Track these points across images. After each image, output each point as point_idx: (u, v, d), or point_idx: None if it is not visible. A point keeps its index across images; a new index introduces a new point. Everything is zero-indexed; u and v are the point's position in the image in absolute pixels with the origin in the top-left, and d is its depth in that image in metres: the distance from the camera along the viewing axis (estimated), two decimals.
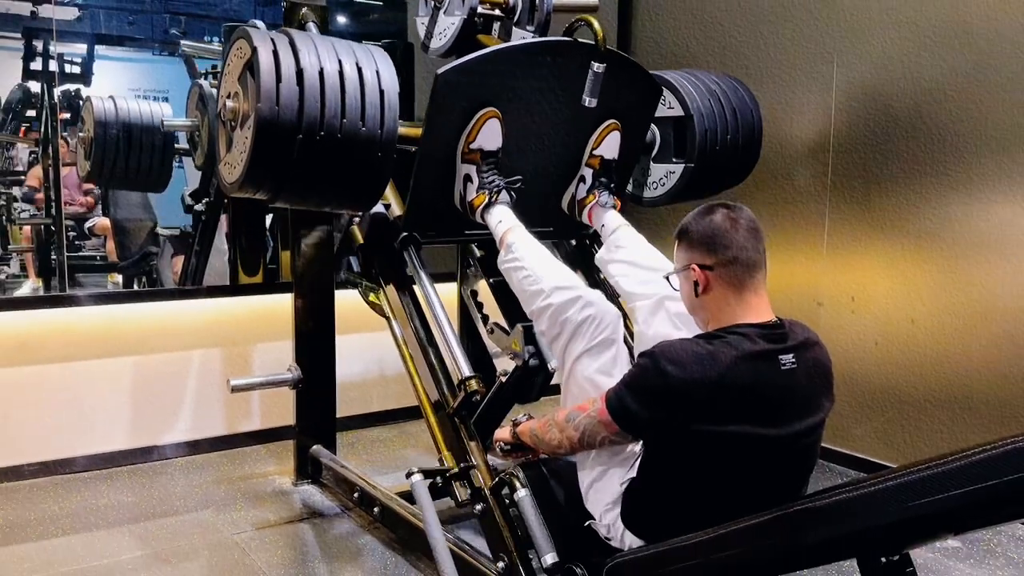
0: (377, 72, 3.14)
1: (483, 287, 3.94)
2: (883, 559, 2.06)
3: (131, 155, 5.23)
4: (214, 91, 5.50)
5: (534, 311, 3.07)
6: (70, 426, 4.68)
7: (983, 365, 4.27)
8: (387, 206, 3.73)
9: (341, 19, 6.09)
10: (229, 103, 3.19)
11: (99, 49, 5.56)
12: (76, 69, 5.45)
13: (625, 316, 3.28)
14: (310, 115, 2.97)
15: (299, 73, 2.97)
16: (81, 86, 5.47)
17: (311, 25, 3.95)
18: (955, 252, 4.34)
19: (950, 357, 4.39)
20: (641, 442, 2.61)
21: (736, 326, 2.45)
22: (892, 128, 4.57)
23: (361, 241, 3.80)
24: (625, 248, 3.41)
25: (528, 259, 3.15)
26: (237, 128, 3.16)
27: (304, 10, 4.01)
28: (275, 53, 2.97)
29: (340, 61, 3.07)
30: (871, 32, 4.63)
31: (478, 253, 3.93)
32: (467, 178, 3.44)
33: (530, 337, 3.19)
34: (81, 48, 5.47)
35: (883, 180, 4.61)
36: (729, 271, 2.49)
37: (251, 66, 3.01)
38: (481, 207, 3.41)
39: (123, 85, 5.84)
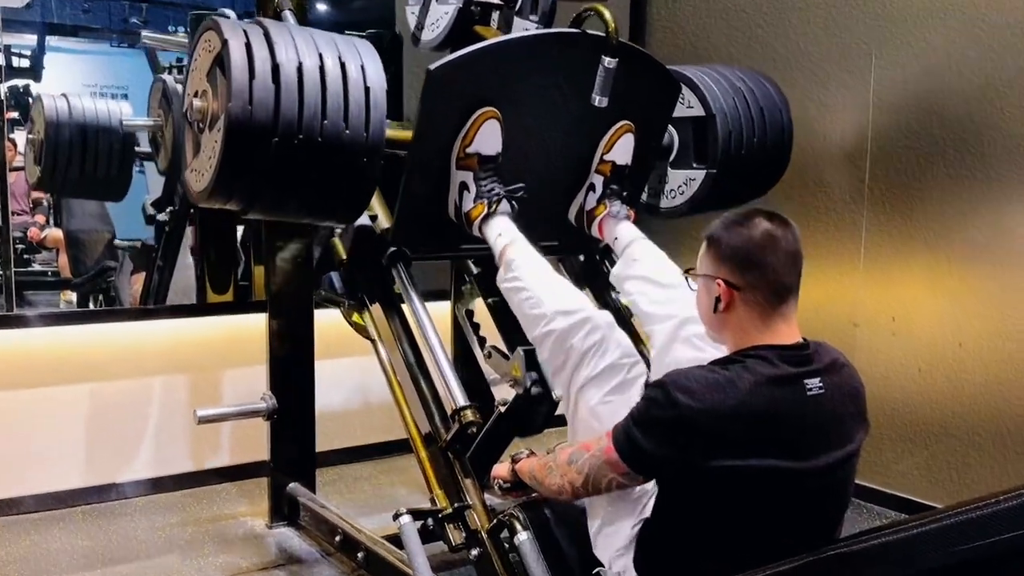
0: (362, 67, 3.11)
1: (480, 306, 3.94)
2: None
3: (86, 159, 5.22)
4: (179, 87, 5.52)
5: (536, 337, 3.05)
6: (17, 461, 4.68)
7: None
8: (373, 218, 3.69)
9: (321, 7, 6.11)
10: (196, 102, 3.15)
11: (50, 40, 5.58)
12: (25, 63, 5.48)
13: (641, 340, 3.28)
14: (287, 116, 2.94)
15: (275, 69, 2.94)
16: (30, 81, 5.48)
17: (287, 14, 3.95)
18: (1009, 268, 4.33)
19: (1003, 385, 4.38)
20: (653, 482, 2.60)
21: (756, 348, 2.44)
22: (937, 129, 4.57)
23: (344, 256, 3.79)
24: (641, 262, 3.39)
25: (530, 279, 3.13)
26: (205, 130, 3.13)
27: None
28: (248, 46, 2.94)
29: (320, 55, 3.04)
30: (914, 21, 4.63)
31: (475, 270, 3.92)
32: (463, 186, 3.41)
33: (532, 362, 3.20)
34: (31, 39, 5.50)
35: (927, 187, 4.62)
36: (758, 295, 2.46)
37: (221, 61, 2.98)
38: (479, 219, 3.38)
39: (77, 80, 5.86)
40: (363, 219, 3.67)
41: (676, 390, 2.34)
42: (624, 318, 3.72)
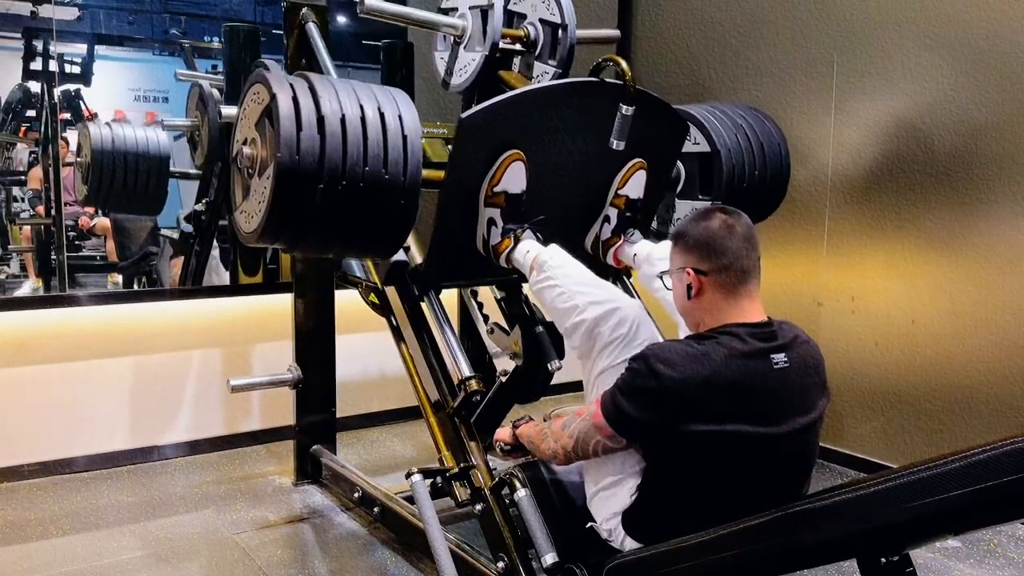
0: (400, 117, 3.03)
1: (483, 288, 3.93)
2: (883, 559, 2.06)
3: (127, 181, 5.25)
4: (214, 91, 5.53)
5: (567, 328, 2.92)
6: (70, 426, 4.68)
7: (984, 366, 4.27)
8: (406, 249, 3.59)
9: (341, 19, 6.09)
10: (246, 150, 3.09)
11: (99, 49, 5.57)
12: (76, 69, 5.46)
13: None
14: (332, 163, 2.87)
15: (320, 120, 2.87)
16: (81, 86, 5.47)
17: (311, 27, 3.94)
18: (956, 252, 4.35)
19: (951, 357, 4.39)
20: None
21: (726, 326, 2.46)
22: (893, 129, 4.57)
23: (380, 285, 3.74)
24: (666, 260, 3.34)
25: (561, 276, 3.02)
26: (255, 176, 3.06)
27: (304, 10, 4.01)
28: (295, 99, 2.87)
29: (361, 107, 2.97)
30: (872, 32, 4.63)
31: (499, 295, 3.85)
32: (491, 222, 3.32)
33: (530, 336, 3.19)
34: (81, 48, 5.48)
35: (884, 181, 4.62)
36: (722, 277, 2.49)
37: (269, 113, 2.91)
38: (507, 251, 3.29)
39: (123, 85, 5.85)
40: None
41: (657, 361, 2.36)
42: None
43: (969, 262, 4.29)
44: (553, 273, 3.04)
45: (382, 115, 3.00)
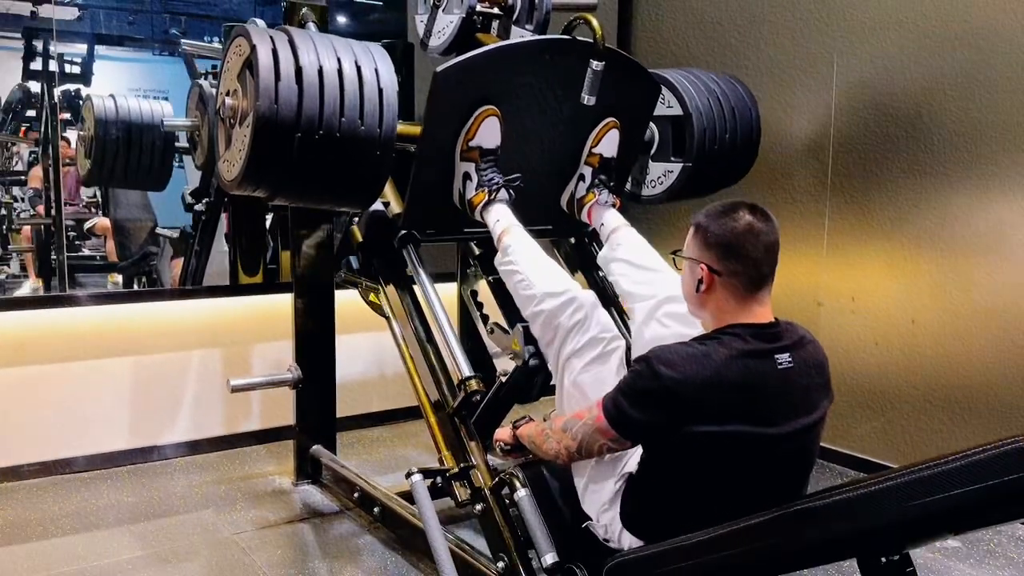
0: (376, 71, 3.14)
1: (483, 287, 3.94)
2: (883, 559, 2.06)
3: (131, 154, 5.22)
4: (214, 91, 5.52)
5: (528, 315, 3.11)
6: (70, 426, 4.68)
7: (983, 365, 4.27)
8: (386, 204, 3.73)
9: (341, 19, 6.09)
10: (228, 100, 3.18)
11: (99, 49, 5.55)
12: (76, 69, 5.45)
13: (624, 316, 3.29)
14: (309, 113, 2.96)
15: (298, 71, 2.97)
16: (81, 86, 5.46)
17: (311, 25, 3.94)
18: (956, 252, 4.34)
19: (950, 357, 4.39)
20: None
21: (731, 327, 2.45)
22: (892, 128, 4.57)
23: (360, 239, 3.80)
24: (624, 247, 3.39)
25: (522, 262, 3.16)
26: (236, 126, 3.15)
27: (304, 10, 4.01)
28: (274, 51, 2.97)
29: (339, 59, 3.07)
30: (871, 32, 4.63)
31: (477, 251, 3.93)
32: (466, 176, 3.44)
33: (530, 337, 3.19)
34: (81, 48, 5.47)
35: (883, 180, 4.61)
36: (736, 281, 2.46)
37: (250, 64, 3.01)
38: (480, 205, 3.41)
39: (123, 85, 5.83)
40: (377, 205, 3.68)
41: (659, 363, 2.36)
42: (610, 296, 3.74)
43: (969, 261, 4.29)
44: (515, 258, 3.19)
45: (359, 68, 3.11)
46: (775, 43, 5.11)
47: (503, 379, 3.23)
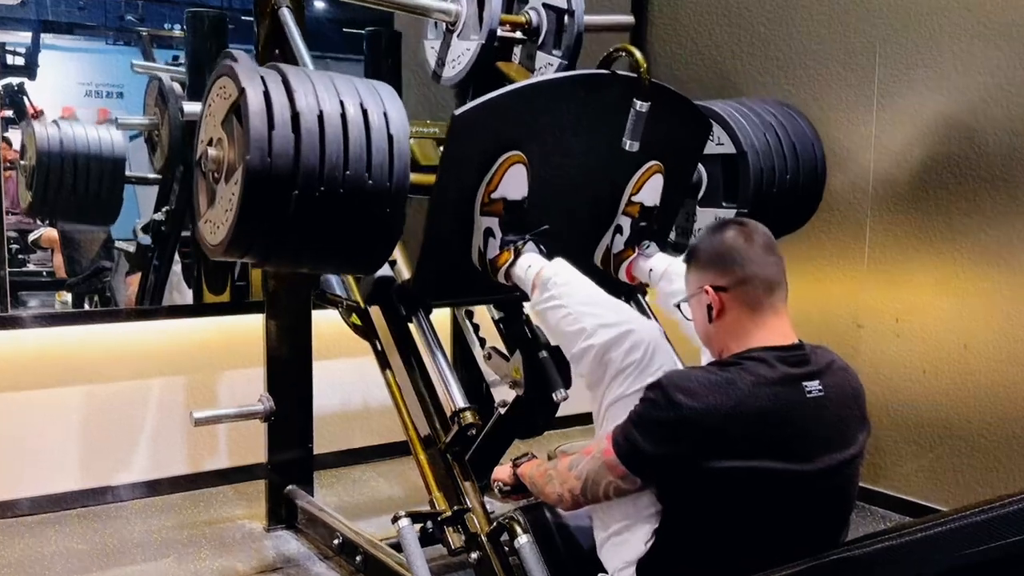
0: (385, 114, 3.02)
1: (480, 308, 3.94)
2: None
3: (77, 185, 5.25)
4: (175, 85, 5.54)
5: (575, 354, 2.88)
6: (12, 464, 4.68)
7: None
8: (392, 263, 3.61)
9: (319, 4, 6.11)
10: (211, 151, 3.06)
11: (45, 38, 5.57)
12: (20, 60, 5.47)
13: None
14: (307, 167, 2.84)
15: (294, 117, 2.85)
16: (25, 79, 5.48)
17: (285, 12, 3.93)
18: (1014, 268, 4.34)
19: (1008, 387, 4.38)
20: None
21: (752, 350, 2.46)
22: (943, 129, 4.57)
23: (361, 304, 3.74)
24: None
25: (567, 295, 2.98)
26: (221, 181, 3.05)
27: None
28: (266, 94, 2.86)
29: (342, 102, 2.96)
30: (919, 19, 4.63)
31: (497, 315, 3.81)
32: (488, 232, 3.29)
33: (533, 363, 3.19)
34: (25, 37, 5.49)
35: (933, 186, 4.61)
36: (745, 291, 2.50)
37: (238, 109, 2.90)
38: (506, 265, 3.26)
39: (72, 79, 5.85)
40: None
41: (675, 391, 2.36)
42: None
43: None
44: (558, 292, 3.00)
45: (365, 112, 2.99)
46: (809, 32, 5.12)
47: (502, 411, 3.24)
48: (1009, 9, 4.30)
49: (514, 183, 3.27)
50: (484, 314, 3.89)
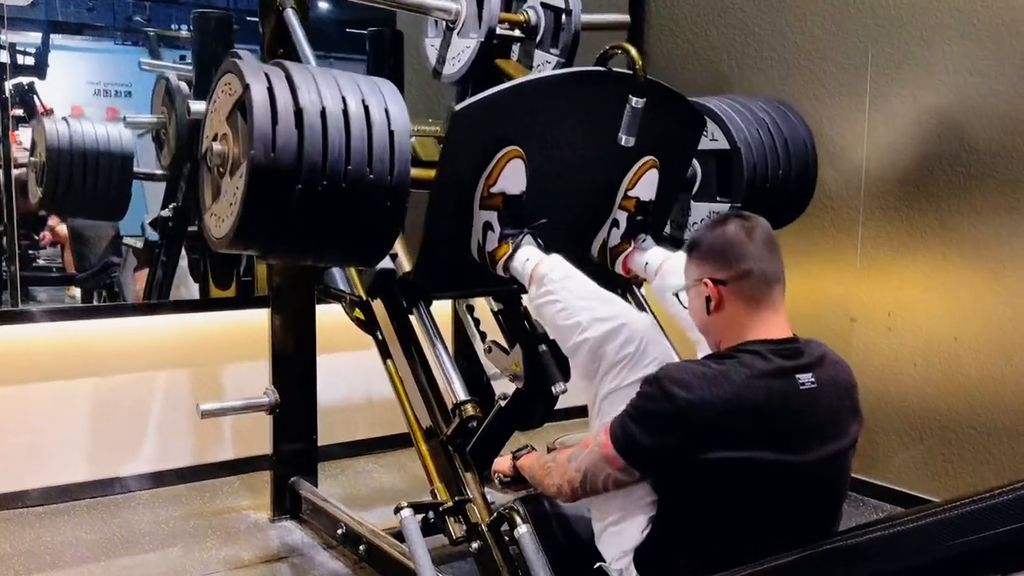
0: (386, 110, 3.02)
1: (480, 302, 3.93)
2: None
3: (86, 181, 5.24)
4: (181, 84, 5.53)
5: (570, 348, 2.89)
6: (23, 456, 4.68)
7: None
8: (394, 256, 3.59)
9: (323, 5, 6.11)
10: (216, 146, 3.06)
11: (55, 38, 5.57)
12: (30, 60, 5.46)
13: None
14: (310, 161, 2.84)
15: (297, 113, 2.85)
16: (35, 79, 5.48)
17: (290, 13, 3.93)
18: (1003, 264, 4.34)
19: (997, 379, 4.38)
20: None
21: (747, 343, 2.46)
22: (935, 127, 4.56)
23: (362, 295, 3.74)
24: (680, 272, 3.31)
25: (563, 290, 2.98)
26: (226, 175, 3.04)
27: None
28: (270, 90, 2.85)
29: (344, 98, 2.95)
30: (912, 19, 4.63)
31: (496, 307, 3.81)
32: (487, 226, 3.30)
33: (532, 356, 3.18)
34: (35, 37, 5.49)
35: (923, 183, 4.61)
36: (744, 285, 2.50)
37: (242, 105, 2.90)
38: (504, 258, 3.26)
39: (82, 78, 5.85)
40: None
41: (671, 383, 2.36)
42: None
43: (1018, 273, 4.29)
44: (554, 287, 3.00)
45: (367, 108, 2.99)
46: (804, 32, 5.11)
47: (502, 403, 3.23)
48: (998, 10, 4.29)
49: (513, 177, 3.27)
50: (484, 307, 3.89)
